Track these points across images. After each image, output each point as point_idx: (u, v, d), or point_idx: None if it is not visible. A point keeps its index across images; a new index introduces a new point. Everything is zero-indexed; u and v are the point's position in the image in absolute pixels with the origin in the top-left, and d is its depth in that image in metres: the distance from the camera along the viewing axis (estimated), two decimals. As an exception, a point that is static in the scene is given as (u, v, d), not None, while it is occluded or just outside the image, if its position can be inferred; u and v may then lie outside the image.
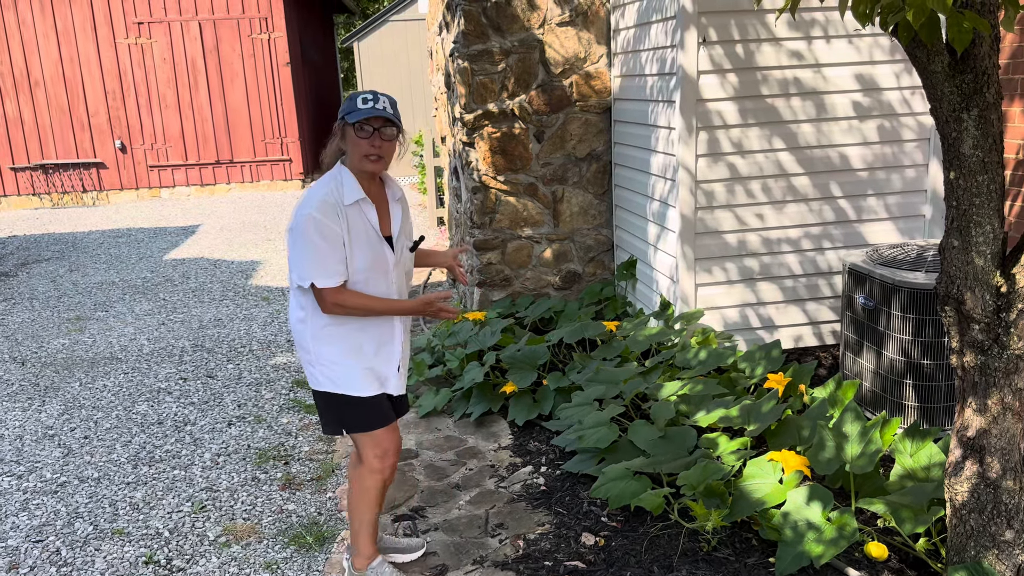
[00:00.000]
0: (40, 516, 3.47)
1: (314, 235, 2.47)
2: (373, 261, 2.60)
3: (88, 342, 5.88)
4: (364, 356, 2.65)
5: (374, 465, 2.70)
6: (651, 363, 4.03)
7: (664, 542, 2.93)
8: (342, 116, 2.53)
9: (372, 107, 2.48)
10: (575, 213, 5.30)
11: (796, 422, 3.17)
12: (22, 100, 12.62)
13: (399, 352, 2.74)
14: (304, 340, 2.64)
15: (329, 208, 2.49)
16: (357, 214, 2.55)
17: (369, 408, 2.66)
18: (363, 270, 2.58)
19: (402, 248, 2.72)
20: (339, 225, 2.50)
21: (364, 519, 2.77)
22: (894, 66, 4.22)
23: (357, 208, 2.55)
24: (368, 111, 2.46)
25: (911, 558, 2.70)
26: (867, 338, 3.64)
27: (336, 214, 2.49)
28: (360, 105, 2.48)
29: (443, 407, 4.37)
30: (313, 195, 2.51)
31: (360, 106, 2.48)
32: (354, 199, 2.53)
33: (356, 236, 2.55)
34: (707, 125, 4.10)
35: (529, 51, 5.04)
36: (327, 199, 2.50)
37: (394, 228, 2.68)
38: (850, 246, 4.39)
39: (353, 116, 2.48)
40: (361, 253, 2.56)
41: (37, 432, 4.34)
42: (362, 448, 2.71)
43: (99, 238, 10.00)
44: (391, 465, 2.73)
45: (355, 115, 2.48)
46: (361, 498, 2.74)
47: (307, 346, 2.64)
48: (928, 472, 2.76)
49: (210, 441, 4.14)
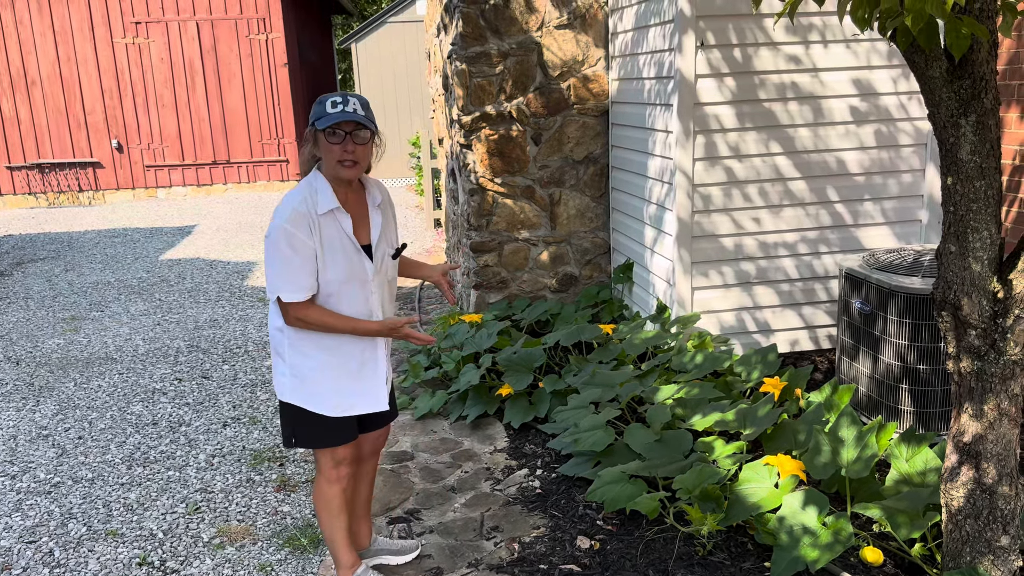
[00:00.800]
0: (33, 517, 3.46)
1: (284, 247, 2.40)
2: (349, 272, 2.51)
3: (83, 342, 5.86)
4: (346, 372, 2.59)
5: (331, 476, 2.65)
6: (647, 366, 4.03)
7: (659, 546, 2.93)
8: (312, 122, 2.43)
9: (342, 111, 2.38)
10: (572, 216, 5.30)
11: (792, 426, 3.17)
12: (19, 99, 12.59)
13: (384, 367, 2.69)
14: (281, 348, 2.58)
15: (301, 219, 2.40)
16: (332, 223, 2.46)
17: (332, 428, 2.60)
18: (338, 281, 2.50)
19: (383, 257, 2.63)
20: (311, 237, 2.42)
21: (334, 529, 2.72)
22: (891, 71, 4.23)
23: (332, 217, 2.46)
24: (338, 115, 2.37)
25: (906, 563, 2.70)
26: (863, 343, 3.64)
27: (308, 225, 2.41)
28: (329, 109, 2.39)
29: (439, 409, 4.36)
30: (287, 204, 2.43)
31: (329, 110, 2.39)
32: (327, 208, 2.44)
33: (330, 246, 2.47)
34: (704, 129, 4.10)
35: (527, 54, 5.04)
36: (299, 209, 2.41)
37: (373, 236, 2.59)
38: (847, 250, 4.39)
39: (323, 122, 2.38)
40: (335, 264, 2.48)
41: (31, 432, 4.32)
42: (318, 459, 2.66)
43: (95, 238, 9.98)
44: (348, 474, 2.69)
45: (325, 120, 2.38)
46: (325, 509, 2.69)
47: (283, 354, 2.58)
48: (924, 477, 2.76)
49: (205, 442, 4.13)
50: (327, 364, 2.56)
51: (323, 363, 2.56)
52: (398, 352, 5.40)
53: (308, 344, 2.55)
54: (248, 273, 7.85)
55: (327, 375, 2.56)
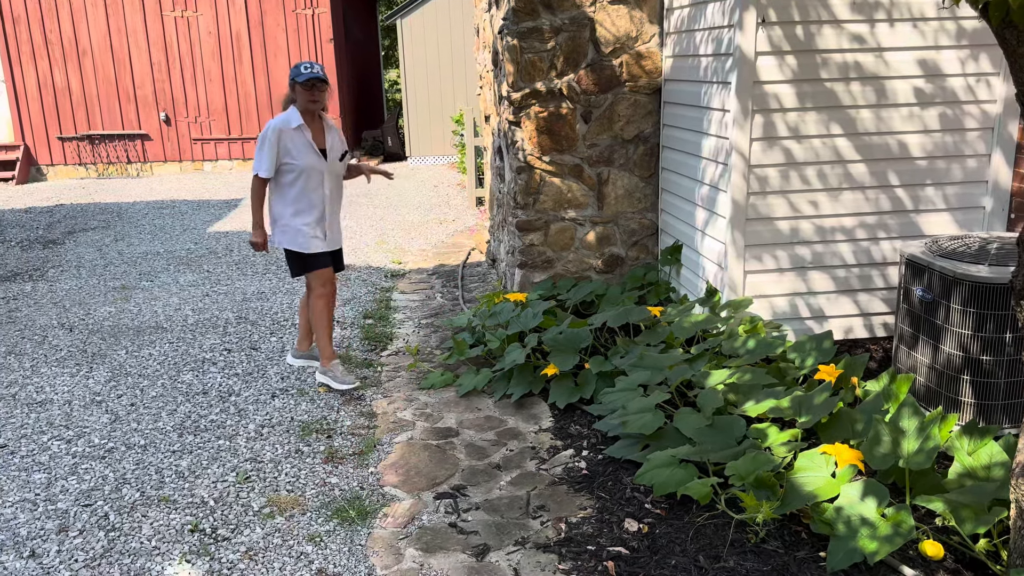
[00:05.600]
0: (89, 480, 3.53)
1: (265, 145, 4.12)
2: (310, 162, 4.18)
3: (134, 311, 5.96)
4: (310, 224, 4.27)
5: (319, 292, 4.33)
6: (697, 350, 3.97)
7: (710, 532, 2.89)
8: (293, 78, 4.12)
9: (312, 72, 4.09)
10: (620, 196, 5.23)
11: (850, 415, 3.10)
12: (70, 69, 12.79)
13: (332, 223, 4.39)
14: (274, 206, 4.29)
15: (275, 130, 4.10)
16: (299, 135, 4.15)
17: (313, 260, 4.32)
18: (302, 167, 4.17)
19: (333, 158, 4.29)
20: (278, 144, 4.11)
21: (322, 329, 4.38)
22: (959, 52, 4.07)
23: (299, 131, 4.14)
24: (311, 74, 4.09)
25: (968, 558, 2.63)
26: (923, 332, 3.54)
27: (279, 135, 4.10)
28: (303, 71, 4.10)
29: (483, 387, 4.36)
30: (273, 121, 4.14)
31: (303, 71, 4.10)
32: (296, 124, 4.13)
33: (297, 147, 4.15)
34: (763, 108, 4.00)
35: (579, 29, 4.96)
36: (277, 125, 4.12)
37: (327, 144, 4.27)
38: (906, 237, 4.27)
39: (302, 77, 4.08)
40: (301, 156, 4.16)
41: (85, 398, 4.41)
42: (310, 280, 4.35)
43: (143, 209, 10.14)
44: (328, 292, 4.35)
45: (303, 77, 4.08)
46: (317, 315, 4.35)
47: (274, 217, 4.30)
48: (989, 471, 2.68)
49: (254, 412, 4.18)
50: (300, 220, 4.24)
51: (298, 220, 4.24)
52: (441, 330, 5.41)
53: (289, 209, 4.24)
54: (293, 247, 7.91)
55: (301, 227, 4.25)
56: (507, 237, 5.74)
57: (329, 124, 4.35)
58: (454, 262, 7.27)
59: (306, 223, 4.24)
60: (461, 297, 6.16)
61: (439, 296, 6.26)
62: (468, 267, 7.07)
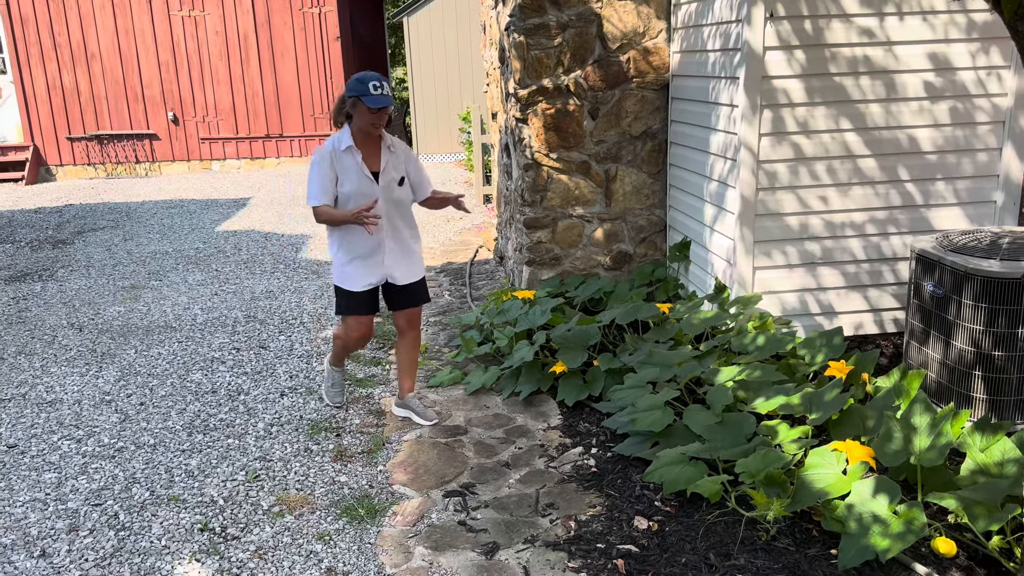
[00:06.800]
0: (99, 480, 3.54)
1: (315, 170, 3.65)
2: (359, 187, 3.67)
3: (143, 310, 5.98)
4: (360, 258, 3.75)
5: (338, 333, 4.01)
6: (706, 347, 3.95)
7: (720, 529, 2.88)
8: (359, 95, 3.50)
9: (382, 94, 3.50)
10: (628, 192, 5.21)
11: (861, 412, 3.08)
12: (79, 71, 12.84)
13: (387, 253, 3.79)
14: (330, 243, 3.84)
15: (327, 153, 3.63)
16: (349, 157, 3.64)
17: (351, 300, 3.83)
18: (350, 194, 3.67)
19: (388, 181, 3.73)
20: (331, 168, 3.63)
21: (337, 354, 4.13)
22: (970, 45, 4.04)
23: (349, 152, 3.64)
24: (382, 99, 3.50)
25: (980, 556, 2.61)
26: (934, 327, 3.51)
27: (331, 158, 3.62)
28: (372, 91, 3.49)
29: (492, 385, 4.35)
30: (326, 143, 3.67)
31: (372, 92, 3.49)
32: (346, 146, 3.63)
33: (346, 170, 3.65)
34: (772, 103, 3.97)
35: (586, 25, 4.94)
36: (327, 148, 3.64)
37: (381, 165, 3.71)
38: (916, 232, 4.24)
39: (371, 101, 3.49)
40: (349, 182, 3.66)
41: (95, 397, 4.43)
42: (345, 319, 3.92)
43: (152, 208, 10.17)
44: (356, 337, 3.93)
45: (372, 100, 3.49)
46: (337, 344, 4.06)
47: (331, 247, 3.83)
48: (1002, 468, 2.66)
49: (263, 411, 4.18)
50: (349, 254, 3.75)
51: (347, 253, 3.76)
52: (449, 328, 5.40)
53: (337, 240, 3.77)
54: (302, 246, 7.93)
55: (349, 261, 3.76)
56: (515, 234, 5.73)
57: (391, 145, 3.75)
58: (462, 260, 7.27)
59: (356, 256, 3.75)
60: (469, 295, 6.15)
61: (447, 294, 6.25)
62: (476, 265, 7.06)
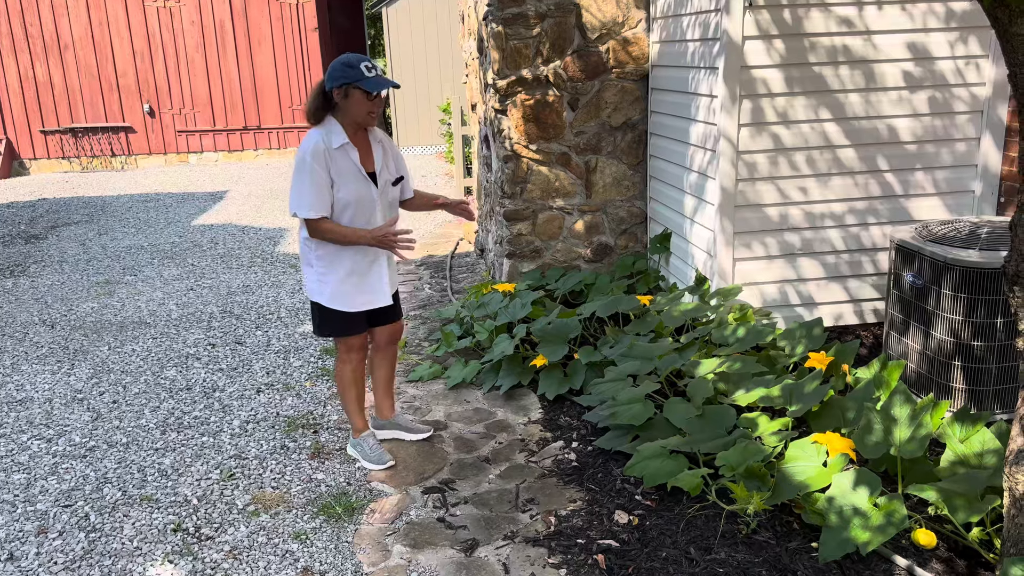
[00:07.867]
0: (69, 480, 3.46)
1: (306, 176, 3.02)
2: (358, 192, 3.12)
3: (117, 306, 5.88)
4: (356, 276, 3.22)
5: (344, 358, 3.39)
6: (686, 339, 3.93)
7: (701, 523, 2.86)
8: (353, 81, 2.97)
9: (380, 76, 3.00)
10: (608, 184, 5.18)
11: (841, 403, 3.06)
12: (52, 63, 12.61)
13: (385, 272, 3.31)
14: (308, 257, 3.22)
15: (319, 153, 3.02)
16: (343, 155, 3.08)
17: (347, 322, 3.30)
18: (348, 199, 3.10)
19: (385, 182, 3.24)
20: (325, 170, 3.03)
21: (349, 399, 3.45)
22: (948, 34, 4.03)
23: (343, 151, 3.08)
24: (383, 82, 2.99)
25: (960, 547, 2.60)
26: (914, 317, 3.51)
27: (324, 159, 3.02)
28: (367, 74, 2.97)
29: (472, 379, 4.31)
30: (309, 141, 3.04)
31: (367, 74, 2.97)
32: (339, 143, 3.05)
33: (343, 172, 3.07)
34: (751, 93, 3.95)
35: (565, 15, 4.89)
36: (318, 145, 3.03)
37: (376, 165, 3.20)
38: (895, 222, 4.23)
39: (370, 84, 2.97)
40: (347, 185, 3.09)
41: (66, 396, 4.34)
42: (337, 345, 3.38)
43: (127, 202, 10.02)
44: (357, 358, 3.40)
45: (371, 84, 2.97)
46: (342, 384, 3.43)
47: (311, 262, 3.22)
48: (981, 459, 2.65)
49: (239, 408, 4.12)
50: (342, 270, 3.20)
51: (339, 270, 3.20)
52: (430, 321, 5.35)
53: (328, 255, 3.18)
54: (280, 239, 7.84)
55: (343, 279, 3.21)
56: (495, 227, 5.68)
57: (377, 136, 3.24)
58: (442, 252, 7.21)
59: (353, 272, 3.22)
60: (449, 288, 6.10)
61: (427, 287, 6.20)
62: (456, 257, 7.01)
